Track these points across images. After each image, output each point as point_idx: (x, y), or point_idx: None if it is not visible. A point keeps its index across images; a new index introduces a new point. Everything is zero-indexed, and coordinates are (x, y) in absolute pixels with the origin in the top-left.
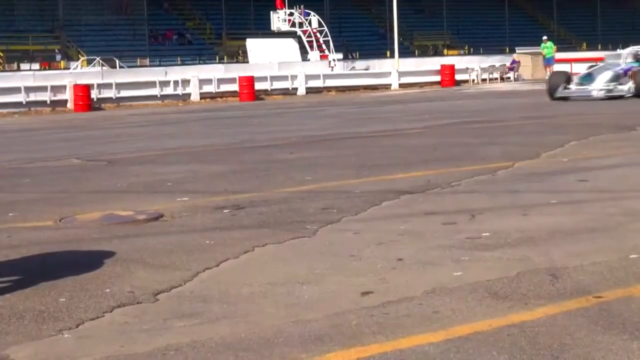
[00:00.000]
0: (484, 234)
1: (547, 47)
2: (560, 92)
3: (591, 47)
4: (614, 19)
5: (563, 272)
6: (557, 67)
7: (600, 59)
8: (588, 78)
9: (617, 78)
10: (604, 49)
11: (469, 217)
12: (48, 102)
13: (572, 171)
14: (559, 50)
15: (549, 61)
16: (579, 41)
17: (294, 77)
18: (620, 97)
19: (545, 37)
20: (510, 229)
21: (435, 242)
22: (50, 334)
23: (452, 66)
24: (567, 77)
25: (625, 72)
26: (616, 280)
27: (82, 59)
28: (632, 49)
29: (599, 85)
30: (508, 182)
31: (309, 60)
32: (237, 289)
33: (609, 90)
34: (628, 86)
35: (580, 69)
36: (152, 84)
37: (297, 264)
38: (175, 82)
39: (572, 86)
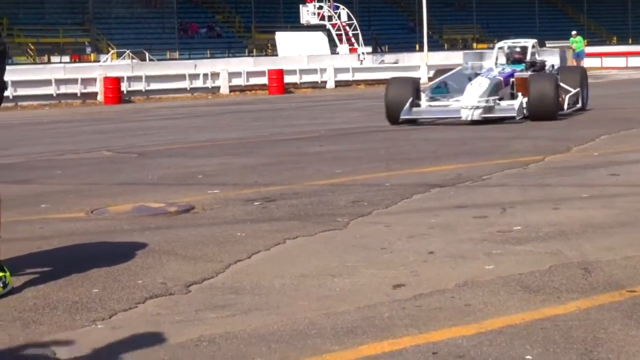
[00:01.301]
0: (515, 228)
1: (577, 42)
2: (407, 113)
3: (621, 41)
4: None
5: (595, 266)
6: (587, 61)
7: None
8: (442, 90)
9: (496, 89)
10: (635, 42)
11: (500, 210)
12: (78, 94)
13: (603, 165)
14: (588, 44)
15: (578, 55)
16: (609, 35)
17: (323, 71)
18: (505, 119)
19: (574, 32)
20: (541, 222)
21: (466, 235)
22: (83, 325)
23: None
24: (415, 89)
25: (506, 79)
26: None
27: (112, 51)
28: (504, 43)
29: (470, 101)
30: (539, 176)
31: (338, 53)
32: (268, 280)
33: (488, 109)
34: (518, 102)
35: (611, 62)
36: (181, 77)
37: (328, 257)
38: (205, 75)
39: (423, 102)
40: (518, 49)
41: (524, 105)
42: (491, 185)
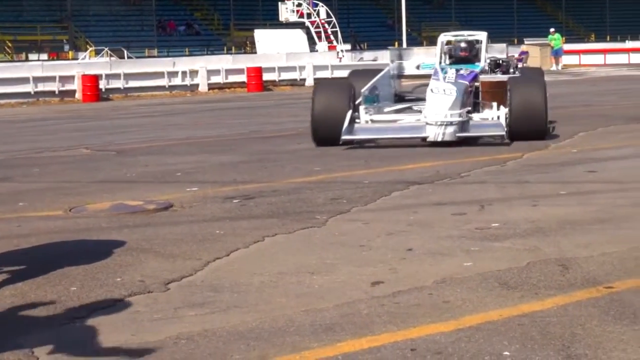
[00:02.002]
0: (493, 225)
1: (555, 39)
2: (349, 131)
3: (600, 39)
4: (623, 10)
5: (573, 263)
6: (565, 59)
7: (607, 51)
8: (373, 98)
9: (465, 98)
10: (613, 40)
11: (478, 207)
12: (56, 92)
13: (581, 162)
14: (567, 42)
15: (557, 52)
16: (588, 33)
17: (302, 68)
18: (476, 139)
19: (552, 29)
20: (519, 219)
21: (444, 232)
22: (62, 323)
23: None
24: (351, 97)
25: (471, 81)
26: (626, 271)
27: (90, 49)
28: (452, 36)
29: (439, 115)
30: (517, 173)
31: (317, 51)
32: (247, 278)
33: (462, 126)
34: (502, 116)
35: (589, 60)
36: (160, 75)
37: (307, 254)
38: (183, 73)
39: (363, 115)
40: (464, 45)
41: (504, 123)
42: (469, 182)
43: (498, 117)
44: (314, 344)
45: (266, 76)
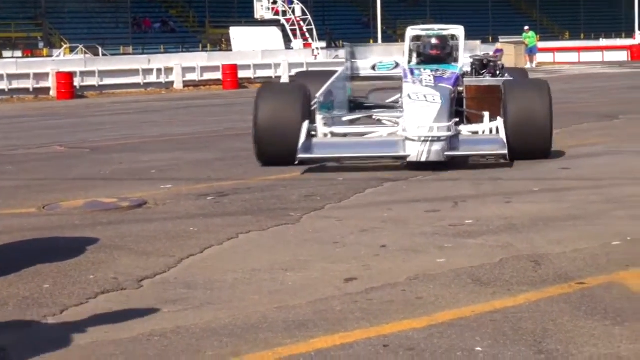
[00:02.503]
0: (467, 221)
1: (530, 37)
2: (307, 149)
3: (574, 37)
4: (597, 8)
5: (545, 259)
6: (539, 56)
7: (581, 49)
8: (328, 105)
9: (451, 106)
10: (587, 38)
11: (452, 204)
12: (31, 89)
13: (554, 159)
14: (541, 39)
15: (531, 50)
16: (562, 31)
17: (277, 66)
18: (466, 158)
19: (527, 27)
20: (493, 216)
21: (418, 229)
22: (34, 320)
23: None
24: (306, 104)
25: (454, 84)
26: (598, 267)
27: (64, 46)
28: (422, 30)
29: (422, 129)
30: (491, 170)
31: (292, 48)
32: (221, 275)
33: (450, 143)
34: (501, 129)
35: (563, 58)
36: (135, 72)
37: (280, 251)
38: (159, 70)
39: (320, 127)
40: (436, 42)
41: (502, 139)
42: (444, 179)
43: (492, 130)
44: (287, 340)
45: (241, 74)
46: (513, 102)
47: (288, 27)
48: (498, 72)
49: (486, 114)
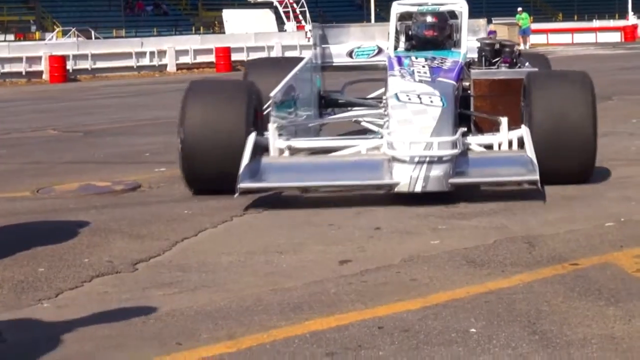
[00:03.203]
0: (461, 203)
1: (523, 19)
2: (251, 175)
3: (567, 18)
4: None
5: (539, 240)
6: (533, 38)
7: (575, 30)
8: (289, 104)
9: (455, 110)
10: (580, 19)
11: None
12: (23, 73)
13: None
14: (534, 21)
15: (525, 32)
16: (555, 12)
17: (270, 48)
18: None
19: (520, 9)
20: (486, 197)
21: (412, 211)
22: (29, 304)
23: None
24: (251, 107)
25: (457, 77)
26: (592, 248)
27: (57, 30)
28: (411, 5)
29: (413, 146)
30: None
31: (285, 31)
32: (215, 258)
33: (455, 165)
34: (502, 141)
35: (557, 39)
36: (128, 55)
37: (275, 234)
38: (152, 53)
39: (277, 141)
40: (432, 20)
41: (533, 162)
42: None
43: (512, 144)
44: (282, 322)
45: (235, 56)
46: (543, 103)
47: (281, 10)
48: (515, 61)
49: (503, 120)
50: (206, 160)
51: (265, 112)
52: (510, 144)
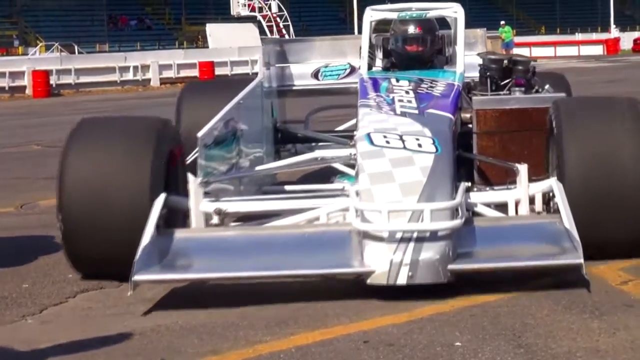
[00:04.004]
0: None
1: (506, 31)
2: (147, 265)
3: (550, 31)
4: (573, 3)
5: None
6: (516, 51)
7: (558, 43)
8: (229, 144)
9: (453, 159)
10: (563, 32)
11: None
12: (6, 88)
13: None
14: (517, 34)
15: (507, 45)
16: (538, 25)
17: (254, 62)
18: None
19: (503, 22)
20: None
21: None
22: (13, 320)
23: None
24: (161, 157)
25: (454, 107)
26: None
27: (40, 44)
28: (376, 13)
29: (394, 219)
30: None
31: None
32: None
33: (463, 248)
34: (519, 198)
35: (540, 52)
36: (111, 70)
37: None
38: (135, 68)
39: (203, 204)
40: (415, 31)
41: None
42: None
43: (535, 202)
44: (267, 337)
45: (218, 70)
46: (580, 145)
47: (264, 24)
48: (532, 83)
49: (521, 169)
50: (95, 238)
51: (189, 161)
52: (531, 200)
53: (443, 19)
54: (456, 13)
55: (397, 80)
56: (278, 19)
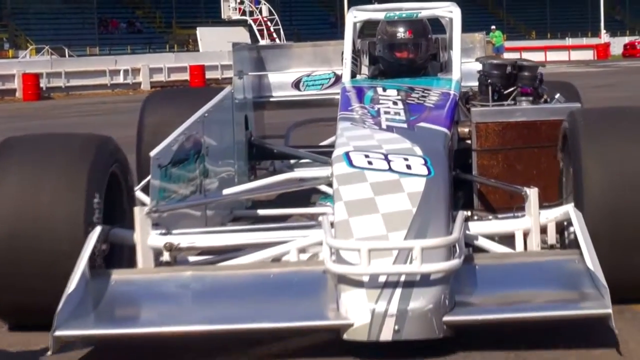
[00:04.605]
0: None
1: (496, 36)
2: (74, 314)
3: (540, 36)
4: (563, 7)
5: None
6: (506, 56)
7: (548, 48)
8: (189, 165)
9: (447, 178)
10: (553, 37)
11: None
12: None
13: None
14: (508, 39)
15: (498, 50)
16: (529, 30)
17: None
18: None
19: (493, 27)
20: None
21: None
22: None
23: None
24: (103, 174)
25: (450, 121)
26: None
27: (30, 47)
28: (360, 13)
29: (376, 262)
30: None
31: None
32: None
33: (462, 298)
34: (528, 228)
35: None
36: (101, 73)
37: None
38: (126, 71)
39: (152, 237)
40: (405, 35)
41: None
42: None
43: (549, 233)
44: None
45: (209, 74)
46: (603, 166)
47: (255, 27)
48: (540, 92)
49: (531, 193)
50: (19, 282)
51: (141, 185)
52: (542, 229)
53: (436, 20)
54: (452, 13)
55: (384, 89)
56: (269, 23)
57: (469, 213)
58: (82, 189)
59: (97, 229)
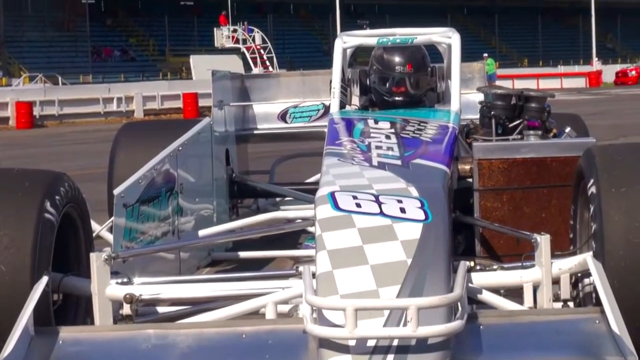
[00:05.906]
0: None
1: (489, 64)
2: None
3: (532, 64)
4: (555, 35)
5: None
6: (499, 83)
7: (540, 75)
8: (154, 209)
9: (447, 224)
10: (545, 65)
11: None
12: None
13: None
14: (500, 66)
15: (490, 77)
16: (521, 57)
17: None
18: None
19: (485, 54)
20: None
21: None
22: None
23: None
24: (44, 220)
25: (449, 157)
26: None
27: (24, 75)
28: (351, 39)
29: (364, 324)
30: None
31: None
32: None
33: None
34: (541, 285)
35: (522, 84)
36: (95, 101)
37: None
38: (119, 99)
39: (113, 288)
40: (401, 59)
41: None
42: None
43: (561, 288)
44: None
45: (202, 102)
46: (626, 209)
47: (248, 55)
48: (548, 126)
49: (542, 241)
50: None
51: (103, 227)
52: (555, 283)
53: (432, 47)
54: (450, 39)
55: (376, 122)
56: (262, 51)
57: (472, 263)
58: (30, 231)
59: (44, 279)
